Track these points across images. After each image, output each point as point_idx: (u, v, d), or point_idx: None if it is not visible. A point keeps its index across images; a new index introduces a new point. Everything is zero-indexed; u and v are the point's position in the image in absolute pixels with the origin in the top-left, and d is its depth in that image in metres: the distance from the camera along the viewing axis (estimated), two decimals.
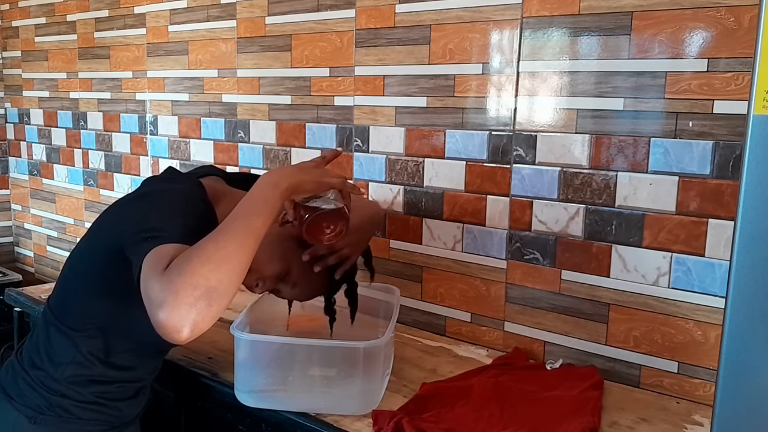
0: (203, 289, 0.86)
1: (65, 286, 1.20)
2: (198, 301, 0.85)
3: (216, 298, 0.87)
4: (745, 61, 1.23)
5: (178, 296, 0.85)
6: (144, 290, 0.89)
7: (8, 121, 3.14)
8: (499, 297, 1.60)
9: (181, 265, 0.88)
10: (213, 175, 1.28)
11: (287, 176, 1.04)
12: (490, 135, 1.57)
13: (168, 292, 0.85)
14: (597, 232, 1.44)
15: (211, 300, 0.87)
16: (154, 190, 1.14)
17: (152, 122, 2.42)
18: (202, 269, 0.87)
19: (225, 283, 0.89)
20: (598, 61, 1.40)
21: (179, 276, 0.86)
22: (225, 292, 0.89)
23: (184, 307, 0.85)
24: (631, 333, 1.42)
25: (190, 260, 0.88)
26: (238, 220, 0.96)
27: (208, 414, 1.40)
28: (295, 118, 1.95)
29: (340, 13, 1.80)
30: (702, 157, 1.29)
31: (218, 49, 2.13)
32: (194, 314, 0.85)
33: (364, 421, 1.19)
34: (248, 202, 0.99)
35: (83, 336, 1.14)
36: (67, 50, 2.74)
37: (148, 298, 0.88)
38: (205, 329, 0.88)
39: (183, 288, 0.85)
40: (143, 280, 0.91)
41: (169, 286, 0.86)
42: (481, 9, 1.55)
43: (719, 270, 1.30)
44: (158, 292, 0.86)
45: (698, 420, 1.26)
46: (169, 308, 0.84)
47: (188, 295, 0.85)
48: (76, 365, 1.15)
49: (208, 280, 0.87)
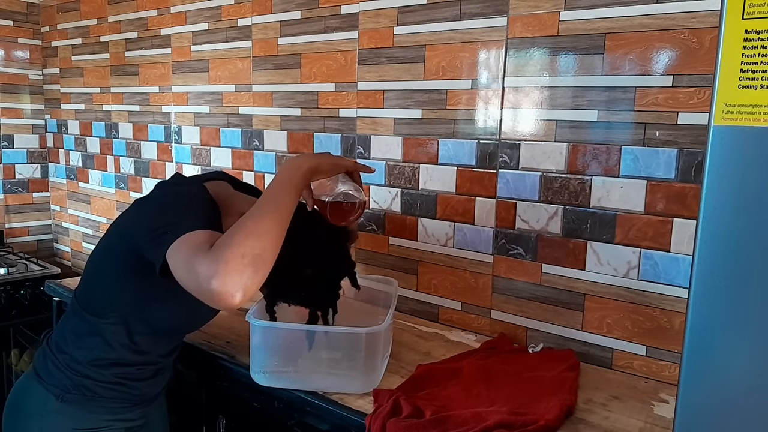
0: (250, 258, 0.89)
1: (88, 279, 1.20)
2: (246, 267, 0.88)
3: (261, 264, 0.90)
4: (706, 77, 1.23)
5: (228, 265, 0.87)
6: (189, 270, 0.91)
7: (48, 131, 3.13)
8: (487, 288, 1.60)
9: (227, 240, 0.91)
10: (219, 180, 1.28)
11: (307, 159, 1.07)
12: (478, 143, 1.57)
13: (218, 263, 0.87)
14: (574, 230, 1.44)
15: (257, 266, 0.89)
16: (164, 194, 1.14)
17: (176, 132, 2.42)
18: (247, 241, 0.90)
19: (267, 251, 0.92)
20: (574, 77, 1.40)
21: (227, 248, 0.89)
22: (268, 259, 0.92)
23: (235, 274, 0.87)
24: (605, 320, 1.42)
25: (235, 235, 0.91)
26: (270, 199, 0.99)
27: (226, 392, 1.40)
28: (304, 128, 1.95)
29: (345, 34, 1.80)
30: (667, 163, 1.29)
31: (235, 67, 2.13)
32: (245, 279, 0.88)
33: (366, 398, 1.19)
34: (276, 184, 1.02)
35: (105, 323, 1.14)
36: (100, 68, 2.73)
37: (196, 275, 0.89)
38: (254, 293, 0.91)
39: (233, 258, 0.88)
40: (184, 263, 0.92)
41: (218, 259, 0.88)
42: (471, 31, 1.55)
43: (683, 264, 1.30)
44: (207, 265, 0.88)
45: (664, 398, 1.26)
46: (221, 276, 0.86)
47: (238, 263, 0.88)
48: (99, 350, 1.15)
49: (254, 249, 0.90)
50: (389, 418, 1.08)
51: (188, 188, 1.15)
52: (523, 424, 1.06)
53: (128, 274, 1.12)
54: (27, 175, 3.11)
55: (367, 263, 1.83)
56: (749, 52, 0.71)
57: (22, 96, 3.05)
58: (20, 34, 3.00)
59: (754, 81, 0.71)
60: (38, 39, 3.06)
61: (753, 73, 0.71)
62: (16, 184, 3.07)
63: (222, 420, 1.42)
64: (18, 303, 2.59)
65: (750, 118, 0.71)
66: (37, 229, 3.17)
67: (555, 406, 1.13)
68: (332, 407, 1.17)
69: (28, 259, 2.81)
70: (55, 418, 1.15)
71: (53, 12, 2.95)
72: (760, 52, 0.70)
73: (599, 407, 1.21)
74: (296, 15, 1.92)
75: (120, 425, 1.20)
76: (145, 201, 1.15)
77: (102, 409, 1.17)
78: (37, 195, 3.15)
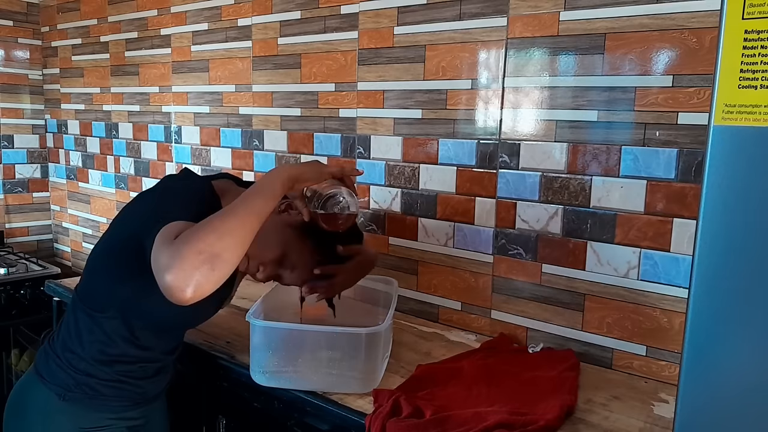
0: (207, 255, 0.88)
1: (90, 274, 1.20)
2: (202, 264, 0.87)
3: (218, 264, 0.89)
4: (706, 77, 1.23)
5: (183, 260, 0.87)
6: (154, 259, 0.91)
7: (48, 131, 3.13)
8: (487, 288, 1.60)
9: (188, 234, 0.91)
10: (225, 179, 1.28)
11: (288, 168, 1.08)
12: (478, 143, 1.57)
13: (175, 257, 0.87)
14: (574, 230, 1.44)
15: (213, 265, 0.88)
16: (167, 186, 1.16)
17: (177, 132, 2.42)
18: (207, 238, 0.89)
19: (227, 252, 0.90)
20: (574, 77, 1.40)
21: (185, 243, 0.89)
22: (227, 260, 0.90)
23: (188, 269, 0.87)
24: (605, 320, 1.42)
25: (197, 231, 0.91)
26: (242, 201, 0.99)
27: (226, 392, 1.40)
28: (304, 128, 1.95)
29: (345, 34, 1.80)
30: (667, 163, 1.29)
31: (235, 67, 2.13)
32: (198, 276, 0.87)
33: (366, 398, 1.19)
34: (253, 188, 1.03)
35: (106, 317, 1.14)
36: (100, 68, 2.73)
37: (157, 264, 0.90)
38: (208, 292, 0.89)
39: (189, 253, 0.87)
40: (153, 250, 0.92)
41: (176, 253, 0.88)
42: (471, 31, 1.55)
43: (683, 264, 1.29)
44: (166, 258, 0.88)
45: (664, 398, 1.26)
46: (175, 270, 0.86)
47: (193, 259, 0.87)
48: (101, 344, 1.15)
49: (212, 247, 0.89)
50: (389, 418, 1.08)
51: (191, 182, 1.17)
52: (524, 424, 1.06)
53: (127, 266, 1.12)
54: (27, 175, 3.11)
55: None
56: (749, 52, 0.71)
57: (22, 96, 3.05)
58: (20, 34, 3.00)
59: (754, 81, 0.71)
60: (38, 39, 3.06)
61: (753, 73, 0.71)
62: (16, 184, 3.07)
63: (222, 420, 1.42)
64: (18, 303, 2.59)
65: (750, 118, 0.71)
66: (37, 229, 3.17)
67: (555, 406, 1.13)
68: (332, 407, 1.17)
69: (28, 259, 2.81)
70: (58, 417, 1.15)
71: (53, 12, 2.95)
72: (760, 52, 0.70)
73: (599, 407, 1.21)
74: (296, 15, 1.92)
75: (122, 424, 1.20)
76: (150, 193, 1.17)
77: (104, 408, 1.17)
78: (37, 195, 3.15)
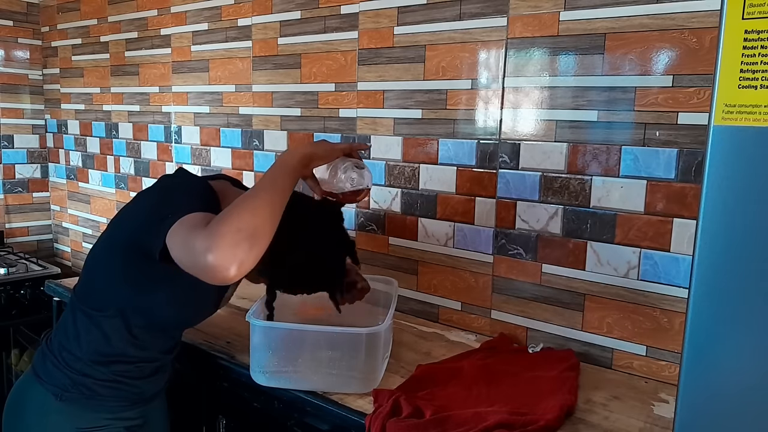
0: (246, 233, 0.91)
1: (89, 274, 1.20)
2: (242, 242, 0.90)
3: (256, 240, 0.92)
4: (706, 77, 1.23)
5: (224, 238, 0.89)
6: (186, 246, 0.93)
7: (48, 131, 3.13)
8: (487, 288, 1.60)
9: (223, 216, 0.94)
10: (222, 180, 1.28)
11: (303, 147, 1.13)
12: (478, 143, 1.57)
13: (214, 237, 0.90)
14: (574, 230, 1.44)
15: (252, 241, 0.91)
16: (167, 185, 1.16)
17: (177, 132, 2.42)
18: (242, 216, 0.93)
19: (262, 228, 0.94)
20: (574, 77, 1.40)
21: (223, 225, 0.91)
22: (263, 235, 0.94)
23: (230, 247, 0.89)
24: (605, 320, 1.42)
25: (230, 212, 0.94)
26: (266, 181, 1.03)
27: (226, 392, 1.40)
28: (305, 128, 1.95)
29: (345, 34, 1.80)
30: (667, 163, 1.29)
31: (236, 67, 2.13)
32: (240, 253, 0.89)
33: (366, 398, 1.19)
34: (272, 169, 1.06)
35: (103, 316, 1.14)
36: (100, 68, 2.73)
37: (192, 249, 0.91)
38: (249, 269, 0.92)
39: (229, 232, 0.90)
40: (182, 240, 0.94)
41: (214, 234, 0.90)
42: (471, 31, 1.55)
43: (683, 264, 1.30)
44: (203, 240, 0.90)
45: (664, 398, 1.26)
46: (217, 250, 0.89)
47: (233, 237, 0.90)
48: (98, 344, 1.14)
49: (249, 224, 0.92)
50: (389, 418, 1.08)
51: (191, 181, 1.18)
52: (524, 424, 1.06)
53: (126, 264, 1.12)
54: (27, 175, 3.11)
55: (367, 263, 1.83)
56: (749, 52, 0.71)
57: (22, 96, 3.05)
58: (20, 34, 3.00)
59: (754, 81, 0.71)
60: (38, 39, 3.06)
61: (753, 73, 0.71)
62: (16, 184, 3.07)
63: (222, 420, 1.42)
64: (18, 303, 2.59)
65: (750, 118, 0.71)
66: (37, 229, 3.17)
67: (555, 406, 1.13)
68: (332, 407, 1.17)
69: (28, 259, 2.81)
70: (55, 417, 1.15)
71: (53, 12, 2.95)
72: (760, 52, 0.70)
73: (599, 407, 1.21)
74: (296, 15, 1.92)
75: (119, 424, 1.20)
76: (148, 192, 1.17)
77: (101, 408, 1.17)
78: (37, 195, 3.15)
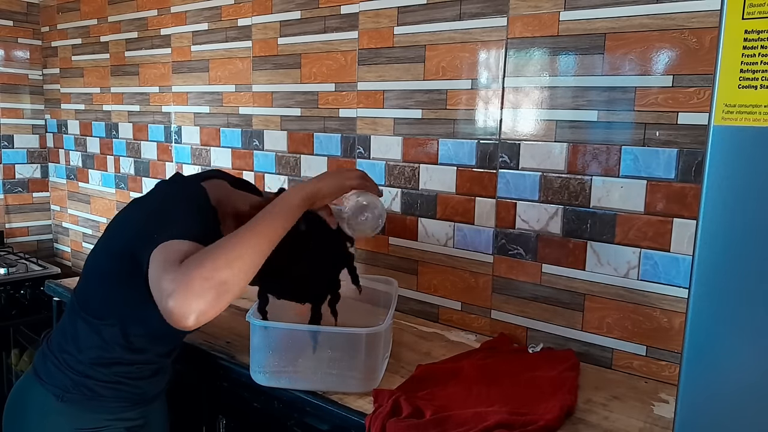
0: (214, 282, 0.85)
1: (87, 279, 1.20)
2: (207, 292, 0.85)
3: (224, 291, 0.86)
4: (706, 77, 1.23)
5: (188, 287, 0.84)
6: (156, 282, 0.88)
7: (48, 131, 3.13)
8: (487, 288, 1.60)
9: (196, 259, 0.88)
10: (217, 178, 1.27)
11: (304, 187, 1.05)
12: (478, 143, 1.57)
13: (180, 282, 0.85)
14: (574, 230, 1.44)
15: (219, 293, 0.86)
16: (163, 198, 1.13)
17: (177, 132, 2.42)
18: (215, 264, 0.87)
19: (234, 279, 0.88)
20: (574, 77, 1.40)
21: (194, 269, 0.86)
22: (233, 287, 0.88)
23: (194, 297, 0.84)
24: (605, 320, 1.42)
25: (205, 256, 0.88)
26: (256, 224, 0.96)
27: (226, 392, 1.40)
28: (304, 128, 1.95)
29: (345, 34, 1.80)
30: (667, 163, 1.29)
31: (235, 67, 2.13)
32: (202, 304, 0.84)
33: (366, 398, 1.19)
34: (271, 207, 1.00)
35: (105, 324, 1.14)
36: (100, 68, 2.73)
37: (159, 288, 0.87)
38: (209, 319, 0.87)
39: (195, 279, 0.85)
40: (155, 273, 0.90)
41: (182, 278, 0.85)
42: (471, 31, 1.55)
43: (683, 264, 1.30)
44: (170, 282, 0.85)
45: (664, 398, 1.26)
46: (179, 297, 0.84)
47: (198, 286, 0.84)
48: (98, 349, 1.15)
49: (220, 275, 0.86)
50: (389, 418, 1.08)
51: (187, 191, 1.14)
52: (523, 424, 1.06)
53: (124, 276, 1.11)
54: (27, 175, 3.11)
55: (367, 263, 1.83)
56: (749, 52, 0.71)
57: (22, 96, 3.05)
58: (20, 34, 3.00)
59: (754, 81, 0.71)
60: (38, 39, 3.06)
61: (753, 73, 0.71)
62: (16, 184, 3.07)
63: (222, 420, 1.42)
64: (18, 303, 2.59)
65: (750, 118, 0.71)
66: (37, 229, 3.17)
67: (555, 406, 1.13)
68: (332, 407, 1.17)
69: (28, 259, 2.81)
70: (56, 418, 1.15)
71: (53, 12, 2.95)
72: (760, 52, 0.70)
73: (599, 407, 1.21)
74: (296, 15, 1.92)
75: (120, 425, 1.20)
76: (144, 201, 1.15)
77: (102, 409, 1.17)
78: (37, 195, 3.15)
